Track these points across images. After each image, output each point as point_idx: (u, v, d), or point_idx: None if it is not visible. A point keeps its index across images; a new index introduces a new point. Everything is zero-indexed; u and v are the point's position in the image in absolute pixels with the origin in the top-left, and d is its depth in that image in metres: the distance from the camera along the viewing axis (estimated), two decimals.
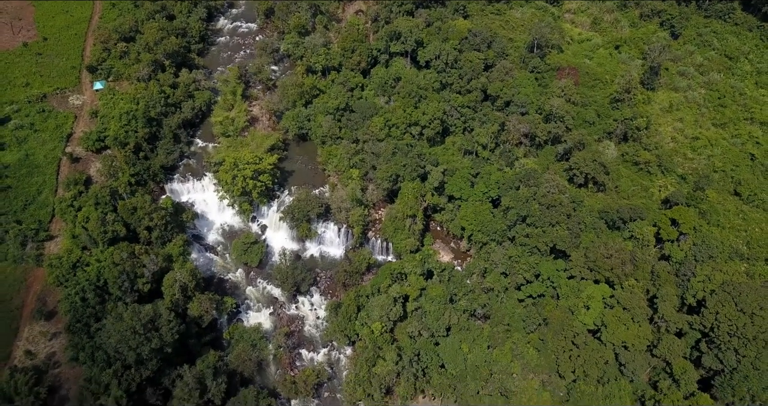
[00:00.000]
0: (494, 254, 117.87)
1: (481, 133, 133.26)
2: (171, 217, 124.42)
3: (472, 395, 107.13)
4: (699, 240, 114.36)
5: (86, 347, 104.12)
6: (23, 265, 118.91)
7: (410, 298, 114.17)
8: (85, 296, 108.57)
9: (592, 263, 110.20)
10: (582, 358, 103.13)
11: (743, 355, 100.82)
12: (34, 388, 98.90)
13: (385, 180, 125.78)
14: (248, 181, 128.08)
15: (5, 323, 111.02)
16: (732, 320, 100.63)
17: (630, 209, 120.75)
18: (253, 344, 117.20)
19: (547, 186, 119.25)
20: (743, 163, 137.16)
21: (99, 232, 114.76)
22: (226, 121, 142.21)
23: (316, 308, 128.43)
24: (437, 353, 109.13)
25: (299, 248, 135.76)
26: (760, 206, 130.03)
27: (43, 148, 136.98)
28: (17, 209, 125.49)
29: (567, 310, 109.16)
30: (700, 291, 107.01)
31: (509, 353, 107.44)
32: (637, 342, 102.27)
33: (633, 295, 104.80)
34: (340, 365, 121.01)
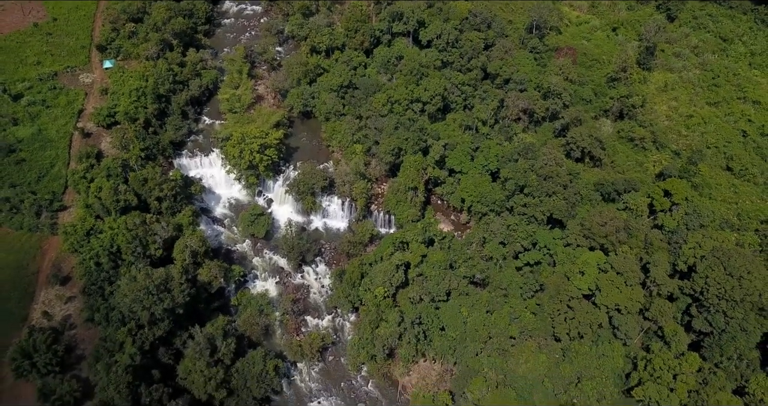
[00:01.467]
0: (493, 224, 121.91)
1: (481, 109, 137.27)
2: (180, 189, 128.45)
3: (471, 356, 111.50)
4: (690, 210, 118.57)
5: (101, 309, 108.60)
6: (38, 233, 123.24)
7: (412, 265, 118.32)
8: (99, 260, 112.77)
9: (587, 230, 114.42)
10: (577, 320, 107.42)
11: (731, 317, 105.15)
12: (52, 346, 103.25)
13: (388, 154, 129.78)
14: (255, 155, 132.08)
15: (22, 287, 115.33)
16: (721, 284, 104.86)
17: (624, 181, 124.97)
18: (260, 309, 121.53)
19: (544, 159, 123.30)
20: (735, 140, 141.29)
21: (111, 201, 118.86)
22: (232, 98, 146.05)
23: (320, 277, 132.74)
24: (438, 316, 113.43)
25: (304, 221, 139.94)
26: (750, 180, 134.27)
27: (55, 123, 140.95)
28: (31, 181, 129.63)
29: (563, 276, 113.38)
30: (690, 257, 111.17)
31: (507, 316, 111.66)
32: (629, 305, 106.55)
33: (626, 260, 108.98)
34: (345, 330, 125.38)
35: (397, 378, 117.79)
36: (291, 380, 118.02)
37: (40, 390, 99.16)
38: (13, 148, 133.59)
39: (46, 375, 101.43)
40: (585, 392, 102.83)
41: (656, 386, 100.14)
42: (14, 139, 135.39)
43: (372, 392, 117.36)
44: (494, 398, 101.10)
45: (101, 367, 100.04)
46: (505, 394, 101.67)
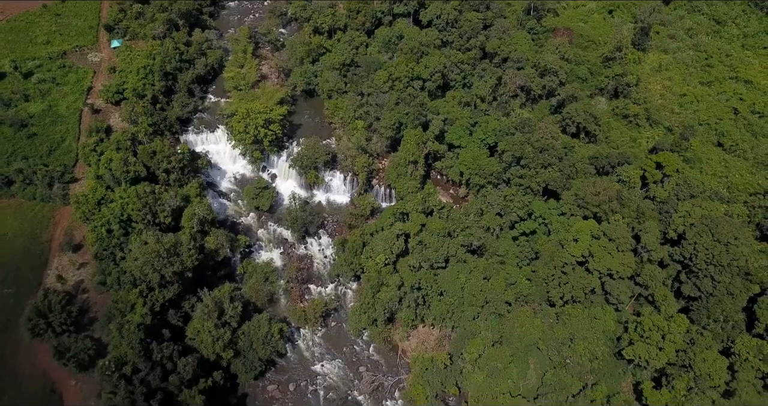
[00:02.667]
0: (490, 195, 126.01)
1: (479, 86, 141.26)
2: (187, 162, 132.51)
3: (469, 320, 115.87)
4: (681, 180, 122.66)
5: (113, 273, 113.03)
6: (51, 204, 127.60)
7: (411, 234, 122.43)
8: (111, 228, 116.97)
9: (581, 200, 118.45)
10: (570, 285, 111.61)
11: (718, 281, 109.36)
12: (66, 307, 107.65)
13: (389, 128, 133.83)
14: (260, 130, 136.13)
15: (36, 254, 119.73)
16: (709, 249, 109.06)
17: (618, 155, 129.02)
18: (265, 277, 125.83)
19: (540, 132, 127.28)
20: (727, 117, 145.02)
21: (122, 172, 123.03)
22: (237, 76, 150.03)
23: (323, 248, 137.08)
24: (436, 282, 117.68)
25: (307, 195, 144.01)
26: (740, 155, 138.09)
27: (65, 100, 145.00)
28: (43, 154, 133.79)
29: (557, 243, 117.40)
30: (680, 226, 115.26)
31: (503, 282, 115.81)
32: (621, 269, 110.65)
33: (618, 227, 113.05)
34: (346, 298, 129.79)
35: (397, 343, 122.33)
36: (295, 344, 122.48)
37: (56, 348, 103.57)
38: (25, 123, 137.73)
39: (60, 335, 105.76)
40: (577, 352, 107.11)
41: (645, 346, 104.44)
42: (26, 114, 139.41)
43: (373, 356, 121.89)
44: (490, 356, 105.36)
45: (114, 326, 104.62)
46: (500, 352, 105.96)
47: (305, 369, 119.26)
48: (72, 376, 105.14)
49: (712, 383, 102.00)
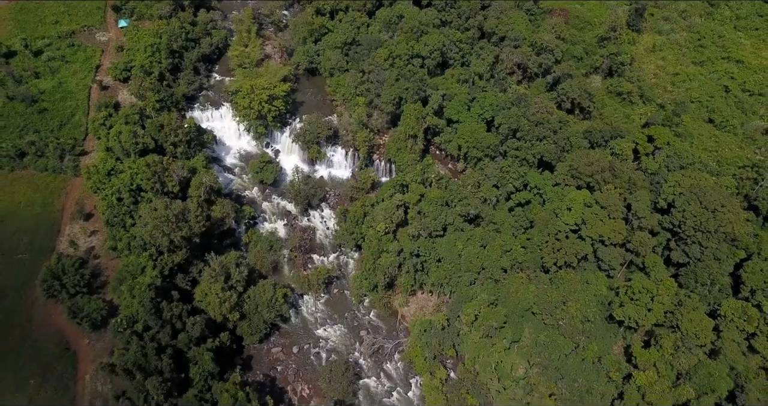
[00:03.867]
0: (487, 168, 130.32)
1: (477, 64, 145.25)
2: (194, 135, 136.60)
3: (466, 286, 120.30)
4: (672, 152, 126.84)
5: (123, 238, 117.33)
6: (62, 175, 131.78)
7: (411, 204, 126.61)
8: (121, 196, 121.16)
9: (574, 170, 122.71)
10: (563, 251, 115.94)
11: (706, 246, 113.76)
12: (79, 270, 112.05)
13: (389, 103, 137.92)
14: (264, 105, 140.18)
15: (49, 222, 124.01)
16: (697, 216, 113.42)
17: (611, 129, 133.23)
18: (269, 246, 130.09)
19: (536, 107, 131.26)
20: (718, 95, 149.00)
21: (131, 143, 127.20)
22: (242, 55, 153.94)
23: (325, 220, 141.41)
24: (435, 249, 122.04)
25: (309, 170, 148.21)
26: (731, 131, 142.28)
27: (75, 77, 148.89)
28: (54, 128, 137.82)
29: (552, 212, 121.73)
30: (670, 195, 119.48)
31: (499, 249, 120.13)
32: (612, 235, 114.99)
33: (610, 195, 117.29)
34: (348, 268, 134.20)
35: (396, 308, 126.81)
36: (298, 310, 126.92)
37: (70, 308, 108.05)
38: (36, 99, 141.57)
39: (74, 296, 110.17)
40: (570, 313, 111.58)
41: (635, 307, 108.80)
42: (37, 90, 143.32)
43: (373, 321, 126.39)
44: (485, 316, 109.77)
45: (125, 288, 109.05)
46: (496, 312, 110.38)
47: (308, 333, 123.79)
48: (85, 335, 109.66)
49: (698, 343, 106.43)
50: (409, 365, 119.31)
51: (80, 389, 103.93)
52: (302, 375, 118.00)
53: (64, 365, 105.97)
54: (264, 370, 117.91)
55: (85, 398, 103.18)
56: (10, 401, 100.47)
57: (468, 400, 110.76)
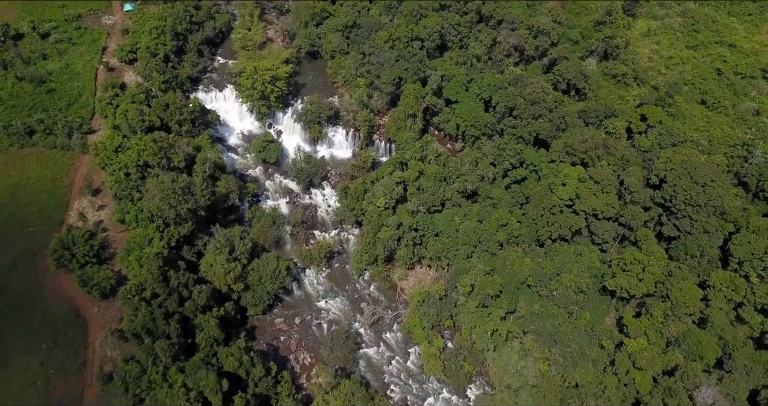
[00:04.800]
0: (485, 146, 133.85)
1: (475, 46, 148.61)
2: (198, 114, 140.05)
3: (463, 258, 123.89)
4: (664, 130, 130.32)
5: (131, 211, 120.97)
6: (70, 152, 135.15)
7: (410, 181, 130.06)
8: (128, 171, 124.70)
9: (569, 148, 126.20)
10: (558, 224, 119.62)
11: (696, 220, 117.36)
12: (89, 241, 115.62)
13: (389, 83, 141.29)
14: (266, 86, 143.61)
15: (58, 197, 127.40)
16: (687, 190, 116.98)
17: (606, 108, 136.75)
18: (272, 221, 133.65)
19: (532, 86, 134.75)
20: (710, 77, 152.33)
21: (137, 121, 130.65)
22: (245, 37, 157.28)
23: (327, 198, 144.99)
24: (433, 223, 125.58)
25: (311, 150, 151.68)
26: (722, 112, 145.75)
27: (81, 58, 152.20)
28: (62, 107, 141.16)
29: (547, 188, 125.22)
30: (662, 171, 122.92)
31: (495, 223, 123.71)
32: (605, 209, 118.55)
33: (603, 171, 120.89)
34: (349, 243, 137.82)
35: (396, 282, 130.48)
36: (301, 283, 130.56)
37: (80, 277, 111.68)
38: (44, 80, 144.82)
39: (84, 266, 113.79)
40: (563, 284, 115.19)
41: (627, 277, 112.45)
42: (45, 71, 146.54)
43: (373, 294, 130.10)
44: (482, 285, 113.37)
45: (133, 258, 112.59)
46: (492, 280, 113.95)
47: (310, 305, 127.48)
48: (94, 303, 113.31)
49: (687, 311, 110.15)
50: (408, 335, 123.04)
51: (90, 354, 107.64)
52: (304, 344, 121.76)
53: (74, 331, 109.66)
54: (267, 340, 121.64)
55: (95, 362, 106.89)
56: (25, 363, 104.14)
57: (465, 367, 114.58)
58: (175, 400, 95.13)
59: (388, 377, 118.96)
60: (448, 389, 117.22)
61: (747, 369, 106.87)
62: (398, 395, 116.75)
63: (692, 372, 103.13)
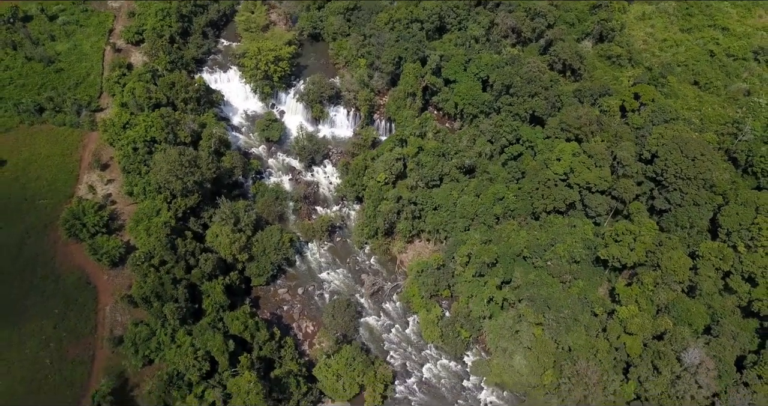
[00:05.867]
0: (482, 124, 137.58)
1: (473, 28, 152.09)
2: (203, 93, 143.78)
3: (461, 231, 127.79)
4: (656, 107, 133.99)
5: (139, 184, 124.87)
6: (79, 129, 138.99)
7: (409, 157, 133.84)
8: (136, 146, 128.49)
9: (564, 124, 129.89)
10: (552, 197, 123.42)
11: (686, 192, 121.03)
12: (98, 211, 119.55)
13: (389, 63, 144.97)
14: (270, 66, 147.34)
15: (68, 171, 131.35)
16: (678, 164, 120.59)
17: (600, 86, 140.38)
18: (276, 196, 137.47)
19: (529, 66, 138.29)
20: (703, 59, 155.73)
21: (144, 98, 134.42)
22: (248, 20, 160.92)
23: (329, 175, 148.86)
24: (431, 197, 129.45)
25: (313, 129, 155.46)
26: (714, 93, 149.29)
27: (89, 40, 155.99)
28: (70, 86, 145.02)
29: (542, 163, 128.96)
30: (654, 146, 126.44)
31: (492, 197, 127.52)
32: (598, 182, 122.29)
33: (597, 145, 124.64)
34: (350, 219, 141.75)
35: (395, 254, 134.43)
36: (303, 255, 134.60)
37: (90, 246, 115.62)
38: (53, 60, 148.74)
39: (94, 235, 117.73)
40: (557, 254, 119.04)
41: (618, 247, 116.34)
42: (53, 52, 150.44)
43: (374, 266, 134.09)
44: (478, 253, 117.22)
45: (142, 228, 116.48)
46: (488, 249, 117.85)
47: (313, 276, 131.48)
48: (104, 272, 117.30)
49: (676, 278, 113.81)
50: (407, 305, 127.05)
51: (101, 319, 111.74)
52: (307, 313, 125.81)
53: (85, 297, 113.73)
54: (271, 309, 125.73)
55: (105, 326, 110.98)
56: (38, 326, 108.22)
57: (462, 334, 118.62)
58: (184, 358, 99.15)
59: (388, 345, 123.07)
60: (446, 355, 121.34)
61: (734, 334, 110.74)
62: (398, 361, 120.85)
63: (680, 335, 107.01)
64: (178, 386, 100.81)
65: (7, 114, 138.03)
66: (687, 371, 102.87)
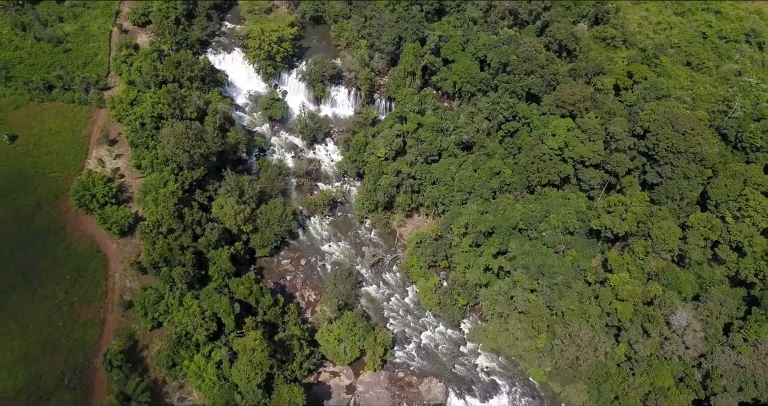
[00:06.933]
0: (480, 102, 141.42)
1: (472, 10, 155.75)
2: (208, 72, 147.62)
3: (458, 204, 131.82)
4: (649, 85, 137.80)
5: (147, 157, 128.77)
6: (87, 106, 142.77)
7: (409, 133, 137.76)
8: (144, 121, 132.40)
9: (559, 101, 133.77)
10: (547, 169, 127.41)
11: (676, 165, 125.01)
12: (108, 183, 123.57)
13: (389, 43, 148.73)
14: (273, 46, 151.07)
15: (77, 145, 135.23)
16: (669, 138, 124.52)
17: (594, 66, 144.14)
18: (279, 171, 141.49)
19: (525, 45, 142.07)
20: (696, 41, 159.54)
21: (151, 76, 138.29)
22: (252, 2, 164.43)
23: (330, 153, 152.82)
24: (430, 172, 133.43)
25: (315, 109, 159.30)
26: (706, 73, 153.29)
27: (96, 21, 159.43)
28: (78, 66, 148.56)
29: (538, 138, 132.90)
30: (646, 122, 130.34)
31: (489, 171, 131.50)
32: (592, 156, 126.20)
33: (590, 120, 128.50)
34: (351, 194, 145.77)
35: (395, 228, 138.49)
36: (306, 229, 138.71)
37: (100, 216, 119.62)
38: (61, 40, 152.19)
39: (103, 206, 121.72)
40: (552, 224, 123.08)
41: (611, 217, 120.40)
42: (62, 33, 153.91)
43: (374, 239, 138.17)
44: (475, 223, 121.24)
45: (150, 198, 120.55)
46: (485, 218, 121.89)
47: (315, 249, 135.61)
48: (114, 241, 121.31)
49: (666, 247, 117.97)
50: (406, 275, 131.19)
51: (111, 285, 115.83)
52: (309, 283, 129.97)
53: (95, 264, 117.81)
54: (274, 279, 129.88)
55: (115, 291, 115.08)
56: (51, 291, 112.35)
57: (459, 301, 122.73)
58: (192, 318, 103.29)
59: (388, 313, 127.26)
60: (443, 322, 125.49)
61: (721, 301, 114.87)
62: (397, 328, 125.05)
63: (669, 300, 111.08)
64: (186, 345, 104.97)
65: (17, 92, 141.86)
66: (675, 333, 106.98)
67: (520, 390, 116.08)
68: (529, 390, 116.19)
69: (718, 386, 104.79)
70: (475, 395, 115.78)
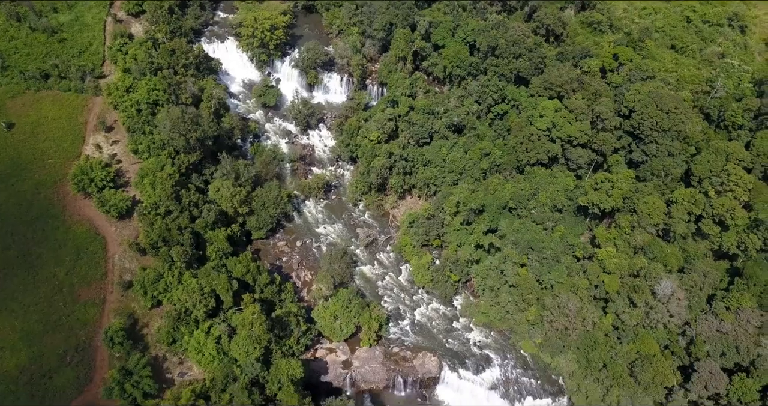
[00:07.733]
0: (470, 86, 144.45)
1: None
2: (203, 60, 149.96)
3: (449, 185, 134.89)
4: (634, 66, 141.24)
5: (144, 142, 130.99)
6: (84, 95, 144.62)
7: (401, 116, 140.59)
8: (140, 107, 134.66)
9: (547, 82, 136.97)
10: (536, 149, 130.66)
11: (661, 143, 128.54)
12: (106, 167, 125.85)
13: (380, 29, 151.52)
14: (266, 34, 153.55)
15: (74, 132, 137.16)
16: (653, 117, 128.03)
17: (581, 49, 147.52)
18: (273, 156, 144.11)
19: (514, 30, 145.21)
20: (680, 25, 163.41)
21: (147, 63, 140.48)
22: None
23: (323, 139, 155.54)
24: (422, 154, 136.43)
25: (308, 95, 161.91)
26: (690, 56, 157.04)
27: (90, 11, 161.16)
28: (74, 55, 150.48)
29: (526, 119, 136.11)
30: (631, 102, 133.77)
31: (479, 152, 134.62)
32: (579, 135, 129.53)
33: (577, 101, 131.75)
34: (345, 178, 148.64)
35: (388, 210, 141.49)
36: (301, 212, 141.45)
37: (98, 199, 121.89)
38: (56, 30, 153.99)
39: (102, 189, 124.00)
40: (540, 202, 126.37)
41: (597, 194, 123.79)
42: (56, 23, 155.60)
43: (368, 221, 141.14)
44: (466, 201, 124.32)
45: (147, 181, 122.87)
46: (475, 196, 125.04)
47: (310, 231, 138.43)
48: (112, 223, 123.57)
49: (651, 222, 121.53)
50: (400, 255, 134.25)
51: (110, 266, 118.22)
52: (305, 264, 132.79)
53: (95, 246, 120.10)
54: (271, 260, 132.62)
55: (114, 272, 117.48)
56: (51, 273, 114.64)
57: (451, 277, 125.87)
58: (191, 295, 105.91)
59: (382, 291, 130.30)
60: (436, 299, 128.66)
61: (705, 272, 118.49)
62: (391, 305, 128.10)
63: (654, 271, 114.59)
64: (186, 322, 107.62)
65: (14, 81, 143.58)
66: (660, 301, 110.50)
67: (512, 362, 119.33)
68: (520, 362, 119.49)
69: (701, 352, 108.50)
70: (468, 369, 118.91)
